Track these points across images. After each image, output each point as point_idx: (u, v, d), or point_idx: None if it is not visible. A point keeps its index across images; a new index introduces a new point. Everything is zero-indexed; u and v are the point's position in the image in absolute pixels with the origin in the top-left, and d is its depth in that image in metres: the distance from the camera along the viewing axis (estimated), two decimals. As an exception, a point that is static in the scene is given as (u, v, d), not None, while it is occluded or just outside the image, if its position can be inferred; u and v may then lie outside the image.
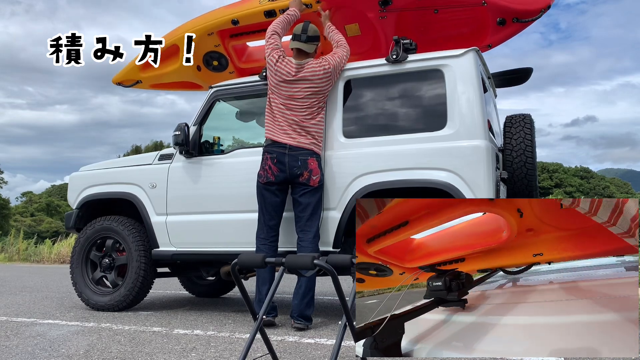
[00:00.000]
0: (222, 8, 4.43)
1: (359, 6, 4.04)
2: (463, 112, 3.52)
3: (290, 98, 3.70)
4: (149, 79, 4.93)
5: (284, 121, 3.69)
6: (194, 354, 2.87)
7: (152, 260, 4.37)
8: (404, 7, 3.92)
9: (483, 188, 3.37)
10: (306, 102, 3.69)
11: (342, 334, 1.89)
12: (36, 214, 47.68)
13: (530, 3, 3.83)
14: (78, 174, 4.84)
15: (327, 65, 3.72)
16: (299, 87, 3.69)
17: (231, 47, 4.64)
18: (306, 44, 3.73)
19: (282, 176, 3.64)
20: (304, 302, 3.62)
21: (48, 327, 3.78)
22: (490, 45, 4.20)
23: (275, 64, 3.75)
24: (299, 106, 3.69)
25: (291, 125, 3.67)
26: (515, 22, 3.90)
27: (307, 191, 3.65)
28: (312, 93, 3.70)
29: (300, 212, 3.68)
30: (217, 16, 4.37)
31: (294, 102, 3.69)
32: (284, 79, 3.70)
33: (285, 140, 3.65)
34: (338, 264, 1.83)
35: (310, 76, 3.69)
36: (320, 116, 3.75)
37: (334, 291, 5.20)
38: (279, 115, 3.70)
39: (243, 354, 1.99)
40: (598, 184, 55.13)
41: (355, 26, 4.21)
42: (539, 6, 3.80)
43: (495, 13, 3.87)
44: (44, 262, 14.17)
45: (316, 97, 3.72)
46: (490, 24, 3.97)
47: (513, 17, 3.87)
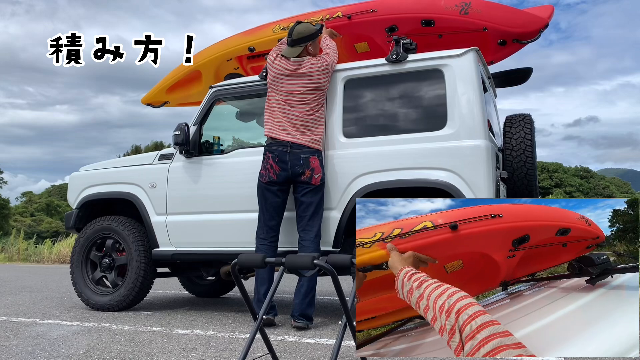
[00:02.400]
0: (238, 36, 4.66)
1: (368, 32, 4.20)
2: (463, 112, 3.52)
3: (290, 94, 3.70)
4: (176, 99, 5.24)
5: (284, 118, 3.69)
6: (194, 354, 2.87)
7: (152, 260, 4.37)
8: (409, 32, 4.02)
9: (483, 188, 3.37)
10: (306, 97, 3.69)
11: (342, 334, 1.89)
12: (36, 214, 47.69)
13: (528, 25, 3.91)
14: (78, 174, 4.84)
15: (324, 62, 3.75)
16: (298, 82, 3.70)
17: (249, 68, 4.81)
18: (291, 48, 3.75)
19: (284, 175, 3.64)
20: (306, 301, 3.62)
21: (48, 327, 3.78)
22: (493, 61, 4.34)
23: (273, 61, 3.79)
24: (299, 102, 3.69)
25: (291, 122, 3.67)
26: (516, 42, 4.04)
27: (309, 190, 3.64)
28: (312, 88, 3.70)
29: (302, 212, 3.67)
30: (235, 44, 4.61)
31: (293, 97, 3.69)
32: (283, 73, 3.72)
33: (286, 137, 3.64)
34: (338, 264, 1.83)
35: (310, 72, 3.70)
36: (319, 113, 3.74)
37: (334, 291, 5.20)
38: (279, 113, 3.71)
39: (243, 354, 1.99)
40: (598, 183, 55.12)
41: (365, 44, 4.37)
42: (537, 27, 3.89)
43: (495, 36, 3.98)
44: (44, 262, 14.18)
45: (316, 92, 3.72)
46: (491, 46, 4.08)
47: (513, 38, 3.99)
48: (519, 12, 3.95)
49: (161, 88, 5.13)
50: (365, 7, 4.09)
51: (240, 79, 4.29)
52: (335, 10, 4.19)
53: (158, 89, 5.16)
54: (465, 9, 3.80)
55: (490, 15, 3.83)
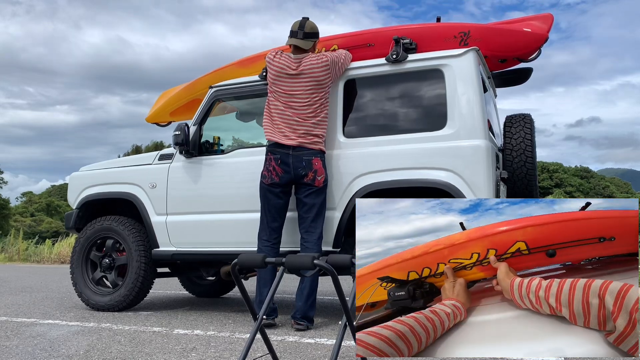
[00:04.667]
0: (233, 67, 4.49)
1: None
2: (463, 112, 3.52)
3: (291, 95, 3.66)
4: (181, 119, 5.22)
5: (282, 123, 3.64)
6: (194, 354, 2.87)
7: (152, 260, 4.37)
8: None
9: (483, 188, 3.38)
10: (307, 98, 3.65)
11: (342, 334, 1.89)
12: (36, 214, 47.70)
13: (529, 46, 3.90)
14: (78, 174, 4.84)
15: (324, 59, 3.69)
16: (299, 81, 3.66)
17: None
18: (303, 40, 3.71)
19: (287, 177, 3.62)
20: (308, 303, 3.61)
21: (48, 327, 3.78)
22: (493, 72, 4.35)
23: (273, 60, 3.75)
24: (301, 103, 3.65)
25: (292, 127, 3.63)
26: (516, 59, 4.06)
27: (312, 191, 3.63)
28: (313, 87, 3.65)
29: (304, 213, 3.66)
30: (229, 75, 4.44)
31: (295, 99, 3.66)
32: (285, 72, 3.68)
33: (286, 142, 3.61)
34: (338, 264, 1.83)
35: (309, 69, 3.66)
36: (323, 113, 3.69)
37: (334, 291, 5.20)
38: (278, 118, 3.66)
39: (243, 354, 1.99)
40: (598, 183, 55.12)
41: None
42: (537, 46, 3.89)
43: (496, 58, 4.00)
44: (44, 262, 14.18)
45: (317, 92, 3.67)
46: (493, 64, 4.10)
47: (514, 57, 4.02)
48: (518, 33, 3.88)
49: (165, 110, 5.11)
50: (362, 40, 4.01)
51: (240, 79, 4.28)
52: (331, 43, 4.10)
53: (162, 110, 5.14)
54: (464, 40, 3.78)
55: (489, 43, 3.81)
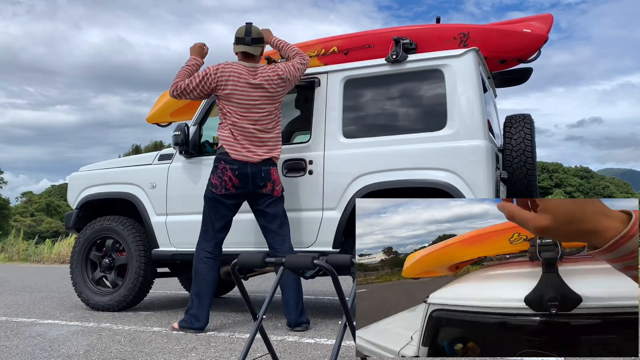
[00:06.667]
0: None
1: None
2: (463, 112, 3.53)
3: (252, 106, 3.53)
4: (182, 119, 5.20)
5: (245, 139, 3.52)
6: (194, 354, 2.87)
7: (152, 260, 4.37)
8: None
9: (483, 188, 3.38)
10: (264, 109, 3.57)
11: (342, 334, 1.89)
12: (36, 214, 47.71)
13: (528, 47, 3.90)
14: (78, 174, 4.84)
15: (280, 72, 3.60)
16: (259, 92, 3.56)
17: None
18: (252, 46, 3.62)
19: (244, 189, 3.54)
20: (297, 312, 3.58)
21: (48, 327, 3.78)
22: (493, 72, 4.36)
23: (224, 69, 3.54)
24: (260, 114, 3.55)
25: (253, 143, 3.53)
26: (516, 60, 4.08)
27: (272, 201, 3.60)
28: (268, 99, 3.57)
29: (268, 223, 3.61)
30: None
31: (255, 109, 3.54)
32: (245, 81, 3.53)
33: (246, 157, 3.50)
34: (338, 264, 1.83)
35: (267, 82, 3.57)
36: (279, 124, 3.66)
37: (334, 291, 5.20)
38: (239, 134, 3.52)
39: (243, 354, 1.99)
40: (598, 183, 55.15)
41: None
42: (537, 47, 3.90)
43: (496, 59, 4.01)
44: (44, 262, 14.18)
45: (273, 104, 3.60)
46: (493, 65, 4.11)
47: (513, 58, 4.03)
48: (518, 34, 3.88)
49: (165, 111, 5.10)
50: (362, 42, 4.00)
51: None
52: (330, 45, 4.09)
53: (162, 110, 5.13)
54: (464, 41, 3.78)
55: (489, 44, 3.81)
